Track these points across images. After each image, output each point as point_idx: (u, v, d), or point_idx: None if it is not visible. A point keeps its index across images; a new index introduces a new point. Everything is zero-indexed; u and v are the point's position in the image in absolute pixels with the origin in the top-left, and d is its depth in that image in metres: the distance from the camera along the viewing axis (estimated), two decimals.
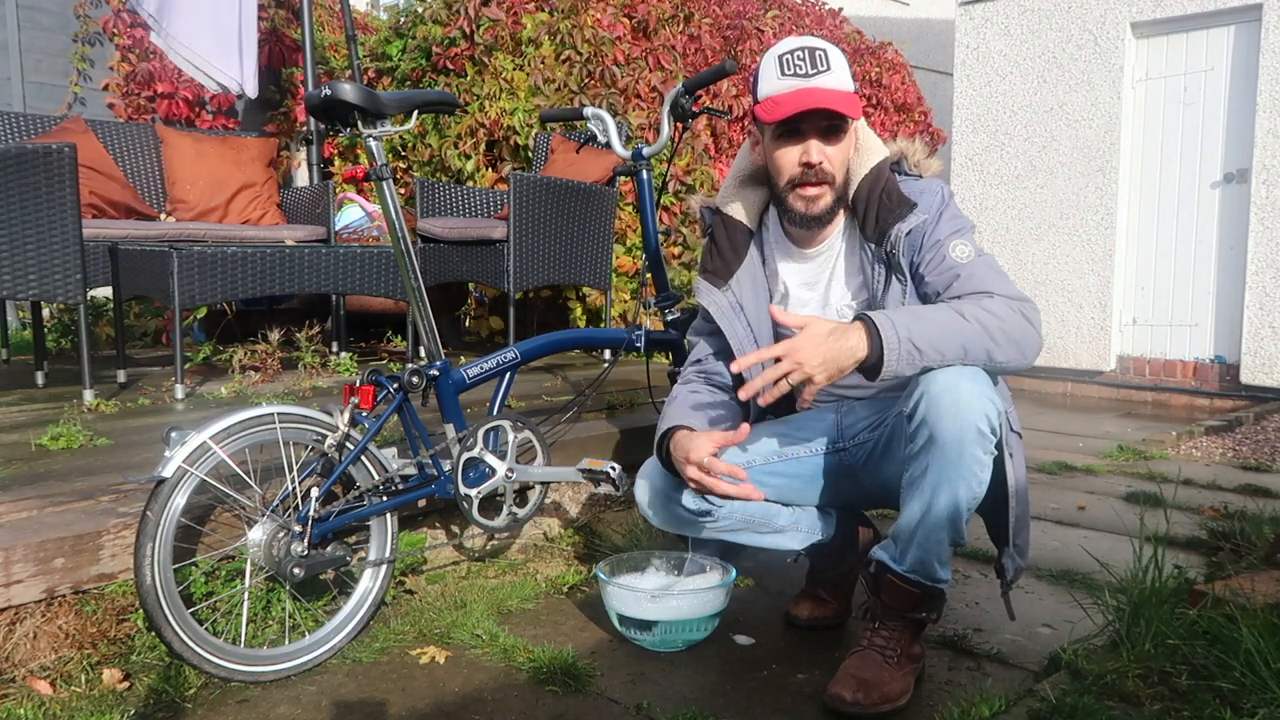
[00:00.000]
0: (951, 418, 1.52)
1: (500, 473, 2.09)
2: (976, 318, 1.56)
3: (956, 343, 1.54)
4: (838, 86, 1.66)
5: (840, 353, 1.52)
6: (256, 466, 1.78)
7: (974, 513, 1.65)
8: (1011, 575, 1.76)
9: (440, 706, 1.64)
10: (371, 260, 3.31)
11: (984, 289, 1.62)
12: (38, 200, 2.70)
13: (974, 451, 1.53)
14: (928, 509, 1.58)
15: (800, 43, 1.69)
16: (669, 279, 2.56)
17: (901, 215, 1.69)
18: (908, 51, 7.52)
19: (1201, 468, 3.70)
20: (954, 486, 1.55)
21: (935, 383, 1.54)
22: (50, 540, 1.69)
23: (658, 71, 4.98)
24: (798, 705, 1.65)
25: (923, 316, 1.56)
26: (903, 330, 1.52)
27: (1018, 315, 1.58)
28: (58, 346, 4.32)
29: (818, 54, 1.67)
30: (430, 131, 5.15)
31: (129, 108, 5.32)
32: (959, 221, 1.70)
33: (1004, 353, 1.57)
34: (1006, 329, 1.56)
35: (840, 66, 1.68)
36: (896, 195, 1.72)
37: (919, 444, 1.57)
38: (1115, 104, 5.65)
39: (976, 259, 1.66)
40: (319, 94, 1.81)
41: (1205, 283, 5.49)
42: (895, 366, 1.52)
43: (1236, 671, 1.57)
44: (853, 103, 1.67)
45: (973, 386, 1.53)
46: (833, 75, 1.67)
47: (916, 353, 1.52)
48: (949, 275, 1.64)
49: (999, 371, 1.62)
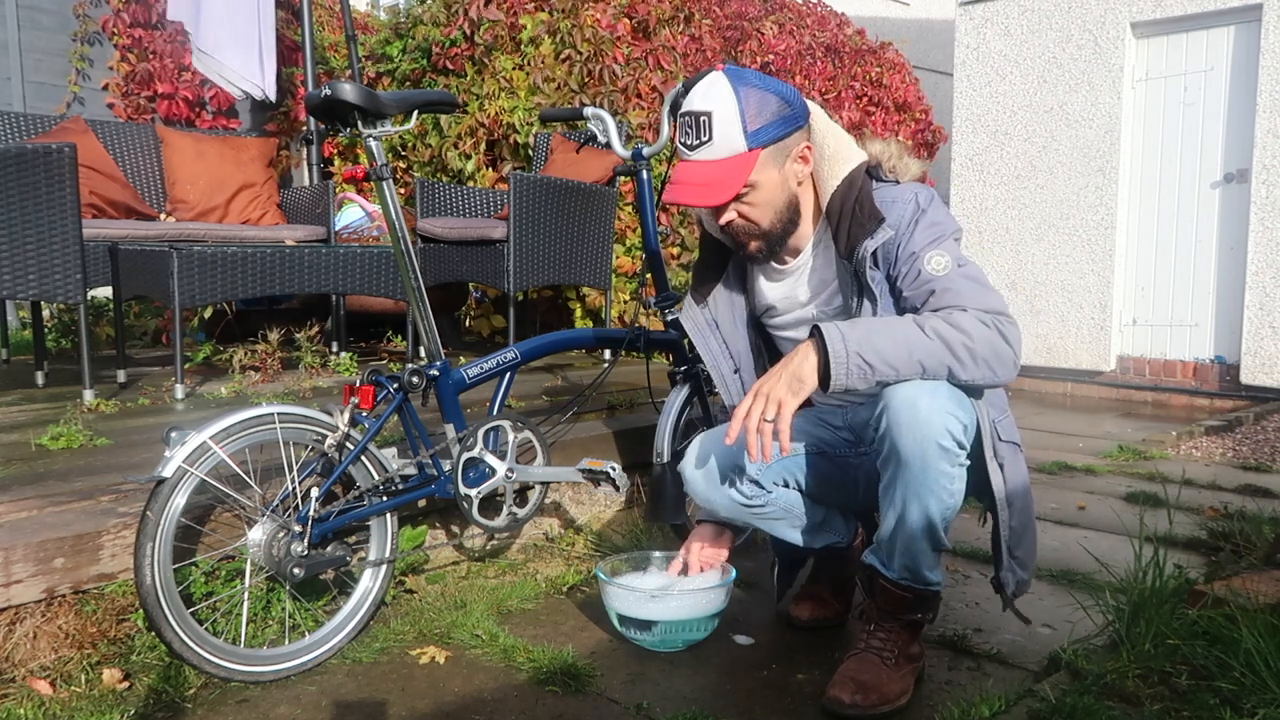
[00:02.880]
0: (911, 434, 1.51)
1: (500, 473, 2.09)
2: (939, 333, 1.51)
3: (912, 358, 1.51)
4: (717, 156, 1.61)
5: (799, 370, 1.52)
6: (256, 466, 1.78)
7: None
8: (1013, 589, 1.70)
9: (440, 706, 1.64)
10: (371, 260, 3.31)
11: (957, 303, 1.56)
12: (38, 200, 2.70)
13: (939, 465, 1.52)
14: (900, 520, 1.58)
15: (690, 104, 1.63)
16: (669, 279, 2.56)
17: (870, 230, 1.63)
18: (908, 51, 7.52)
19: (1201, 468, 3.70)
20: (923, 500, 1.55)
21: (895, 397, 1.53)
22: (50, 540, 1.69)
23: (658, 71, 4.98)
24: (798, 705, 1.65)
25: (878, 329, 1.53)
26: (852, 344, 1.49)
27: (990, 331, 1.52)
28: (58, 346, 4.32)
29: (701, 121, 1.61)
30: (430, 131, 5.15)
31: (129, 108, 5.32)
32: (937, 230, 1.63)
33: (969, 371, 1.52)
34: (973, 346, 1.51)
35: (726, 126, 1.60)
36: (868, 207, 1.65)
37: (883, 457, 1.57)
38: (1115, 104, 5.65)
39: (954, 270, 1.59)
40: (319, 94, 1.81)
41: (1205, 283, 5.49)
42: (844, 379, 1.49)
43: (1236, 671, 1.57)
44: (728, 178, 1.61)
45: (931, 401, 1.51)
46: (713, 146, 1.61)
47: (866, 367, 1.49)
48: (924, 290, 1.59)
49: (967, 388, 1.57)
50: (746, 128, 1.61)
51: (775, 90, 1.63)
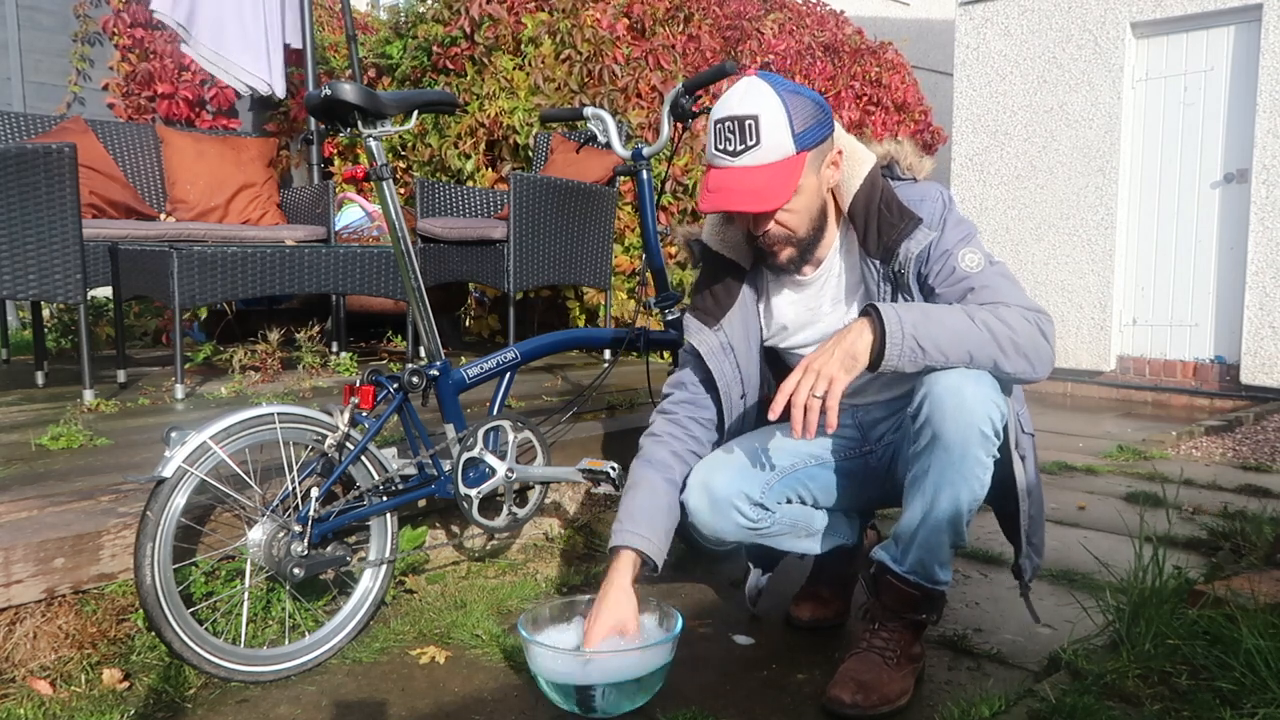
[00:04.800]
0: (955, 419, 1.52)
1: (500, 473, 2.09)
2: (987, 325, 1.53)
3: (962, 347, 1.52)
4: (767, 160, 1.57)
5: (854, 347, 1.51)
6: (256, 466, 1.78)
7: (977, 513, 1.65)
8: (1030, 575, 1.76)
9: (440, 706, 1.64)
10: (371, 260, 3.31)
11: (999, 300, 1.58)
12: (38, 200, 2.70)
13: (977, 454, 1.53)
14: (929, 509, 1.58)
15: (730, 110, 1.58)
16: (669, 279, 2.56)
17: (908, 232, 1.63)
18: (908, 51, 7.52)
19: (1201, 468, 3.70)
20: (955, 488, 1.55)
21: (939, 384, 1.53)
22: (50, 540, 1.69)
23: (657, 71, 4.98)
24: (798, 705, 1.65)
25: (932, 316, 1.53)
26: (908, 326, 1.50)
27: (1032, 328, 1.55)
28: (58, 346, 4.32)
29: (747, 125, 1.56)
30: (430, 131, 5.15)
31: (129, 108, 5.33)
32: (964, 228, 1.65)
33: (1012, 364, 1.55)
34: (1018, 340, 1.54)
35: (774, 130, 1.56)
36: (897, 207, 1.66)
37: (922, 444, 1.57)
38: (1115, 104, 5.65)
39: (988, 268, 1.61)
40: (319, 94, 1.81)
41: (1205, 283, 5.49)
42: (896, 360, 1.50)
43: (1236, 671, 1.57)
44: (780, 182, 1.57)
45: (976, 389, 1.52)
46: (761, 150, 1.56)
47: (919, 350, 1.50)
48: (962, 287, 1.61)
49: (1007, 381, 1.59)
50: (794, 130, 1.57)
51: (807, 94, 1.62)
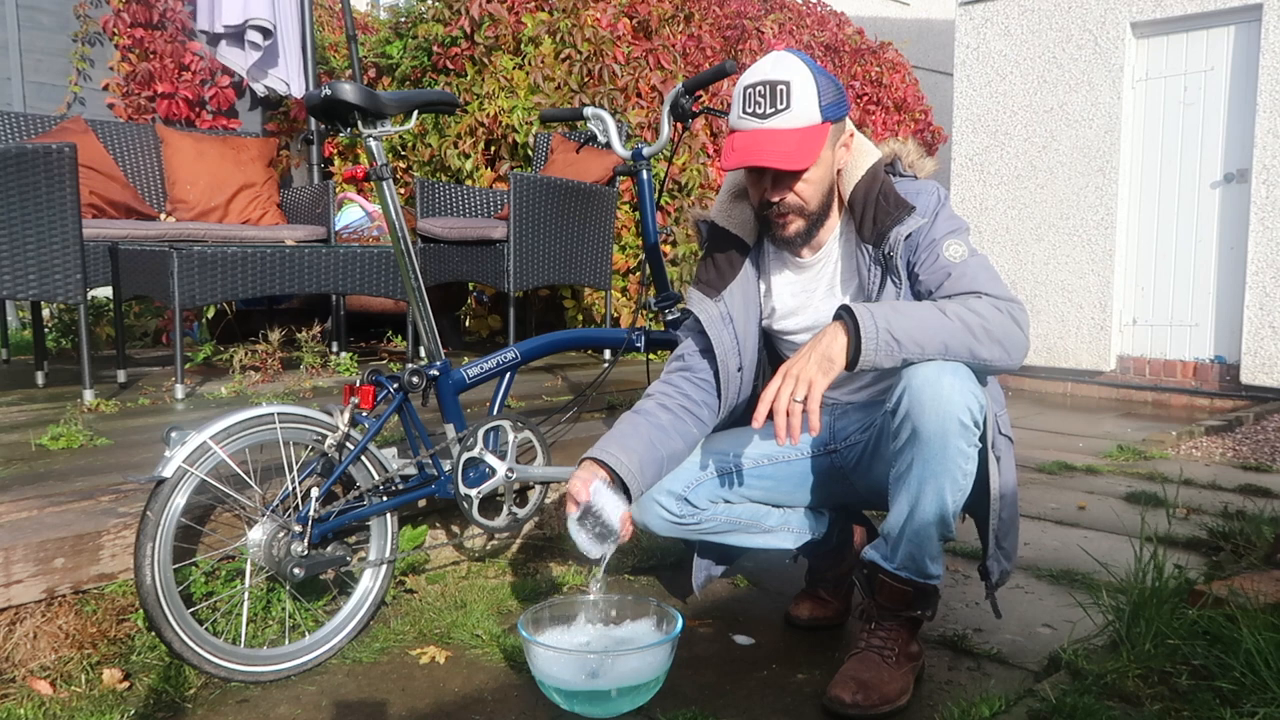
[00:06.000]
0: (933, 411, 1.53)
1: (500, 473, 2.09)
2: (959, 315, 1.56)
3: (937, 338, 1.55)
4: (796, 125, 1.61)
5: (829, 350, 1.54)
6: (256, 466, 1.78)
7: (962, 512, 1.65)
8: (997, 578, 1.75)
9: (440, 706, 1.64)
10: (371, 260, 3.31)
11: (973, 289, 1.62)
12: (38, 200, 2.70)
13: (957, 444, 1.54)
14: (915, 504, 1.59)
15: (763, 75, 1.63)
16: (669, 279, 2.56)
17: (900, 218, 1.69)
18: (908, 51, 7.52)
19: (1201, 468, 3.70)
20: (939, 480, 1.56)
21: (916, 376, 1.55)
22: (50, 540, 1.69)
23: (658, 71, 4.98)
24: (798, 705, 1.65)
25: (903, 310, 1.57)
26: (881, 321, 1.53)
27: (1004, 315, 1.58)
28: (58, 346, 4.32)
29: (779, 90, 1.61)
30: (430, 131, 5.15)
31: (129, 108, 5.32)
32: (954, 222, 1.70)
33: (988, 350, 1.57)
34: (989, 328, 1.56)
35: (804, 96, 1.61)
36: (894, 197, 1.71)
37: (903, 439, 1.58)
38: (1115, 104, 5.65)
39: (970, 259, 1.66)
40: (319, 94, 1.81)
41: (1205, 283, 5.49)
42: (873, 356, 1.52)
43: (1236, 671, 1.57)
44: (807, 146, 1.61)
45: (953, 380, 1.54)
46: (791, 114, 1.61)
47: (895, 343, 1.53)
48: (941, 274, 1.65)
49: (984, 370, 1.62)
50: (821, 99, 1.63)
51: (828, 74, 1.68)
